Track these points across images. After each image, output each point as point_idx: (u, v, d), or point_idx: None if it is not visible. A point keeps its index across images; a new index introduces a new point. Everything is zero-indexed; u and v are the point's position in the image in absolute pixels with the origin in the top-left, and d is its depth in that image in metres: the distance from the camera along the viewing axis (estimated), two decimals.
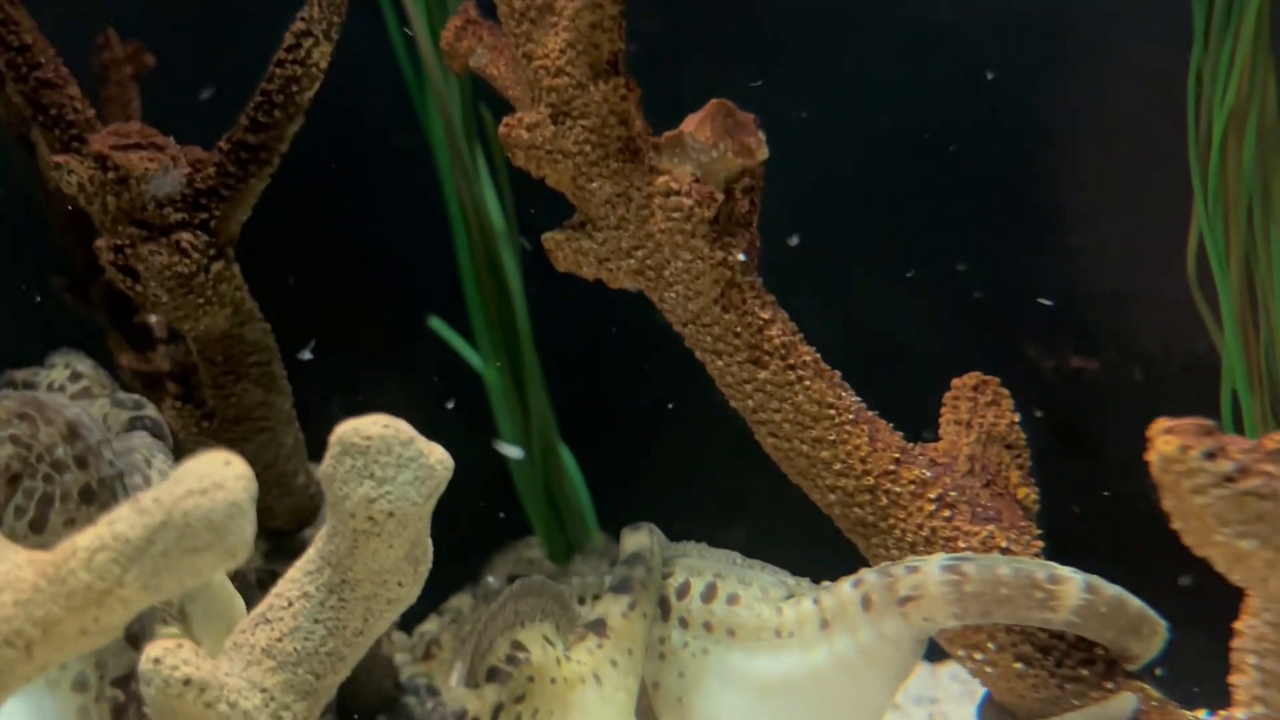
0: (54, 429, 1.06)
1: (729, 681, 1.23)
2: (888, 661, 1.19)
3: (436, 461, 0.96)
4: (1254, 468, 0.92)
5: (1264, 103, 1.57)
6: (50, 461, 1.06)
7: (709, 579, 1.25)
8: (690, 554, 1.29)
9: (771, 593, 1.23)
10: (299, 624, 0.97)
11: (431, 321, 2.15)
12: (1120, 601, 1.15)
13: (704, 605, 1.24)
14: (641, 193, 1.28)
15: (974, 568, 1.15)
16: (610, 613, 1.22)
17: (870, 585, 1.18)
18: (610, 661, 1.20)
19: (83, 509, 1.07)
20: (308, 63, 1.50)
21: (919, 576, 1.16)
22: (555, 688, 1.17)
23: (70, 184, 1.51)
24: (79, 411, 1.08)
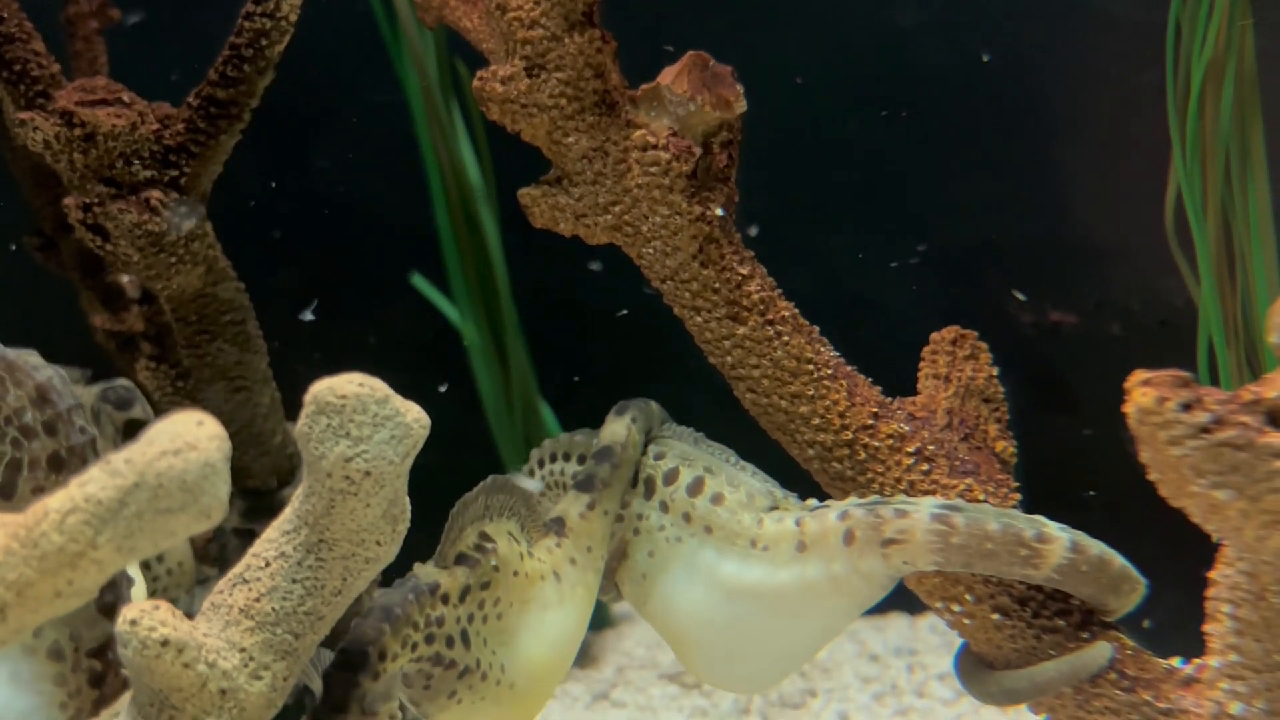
0: (23, 392, 1.04)
1: (694, 575, 1.24)
2: (856, 593, 1.20)
3: (413, 420, 0.95)
4: (1229, 419, 0.93)
5: (1242, 55, 1.56)
6: (18, 426, 1.04)
7: (699, 472, 1.25)
8: (686, 440, 1.29)
9: (757, 500, 1.23)
10: (277, 584, 0.97)
11: (413, 278, 2.14)
12: (1103, 561, 1.15)
13: (688, 497, 1.24)
14: (618, 147, 1.27)
15: (963, 520, 1.15)
16: (569, 512, 1.25)
17: (856, 521, 1.18)
18: (569, 560, 1.23)
19: (51, 477, 1.05)
20: (277, 16, 1.48)
21: (907, 521, 1.16)
22: (517, 581, 1.19)
23: (36, 141, 1.48)
24: (51, 374, 1.06)
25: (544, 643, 1.20)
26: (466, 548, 1.16)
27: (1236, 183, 1.60)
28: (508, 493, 1.22)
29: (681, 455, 1.27)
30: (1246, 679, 1.07)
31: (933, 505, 1.17)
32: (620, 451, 1.26)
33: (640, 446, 1.28)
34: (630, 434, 1.27)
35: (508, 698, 1.17)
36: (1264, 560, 1.00)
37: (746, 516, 1.22)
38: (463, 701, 1.13)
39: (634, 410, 1.29)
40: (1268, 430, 0.92)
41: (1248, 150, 1.60)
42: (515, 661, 1.18)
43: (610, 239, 1.31)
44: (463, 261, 2.10)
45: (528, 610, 1.19)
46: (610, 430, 1.28)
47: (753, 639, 1.24)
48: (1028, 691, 1.23)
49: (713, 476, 1.24)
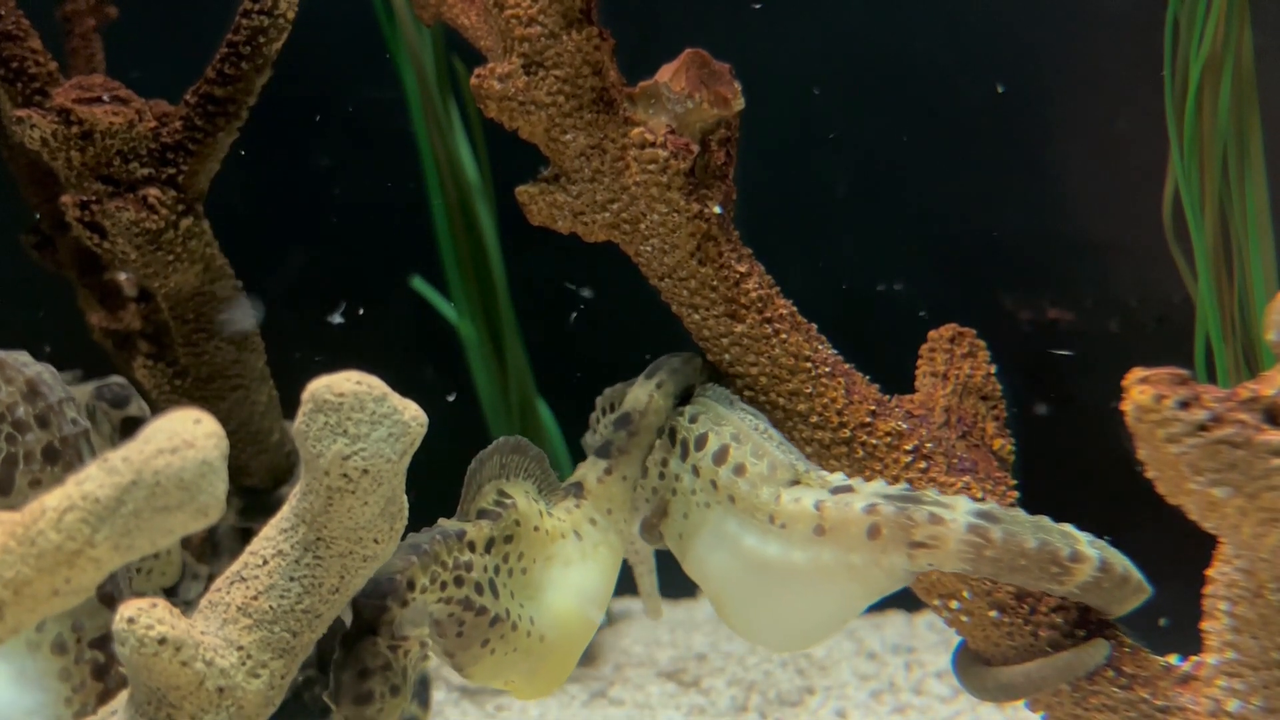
0: (14, 388, 1.05)
1: (721, 542, 1.23)
2: (873, 583, 1.19)
3: (411, 418, 0.95)
4: (1227, 416, 0.93)
5: (1239, 52, 1.56)
6: (11, 421, 1.04)
7: (725, 440, 1.24)
8: (720, 402, 1.28)
9: (778, 473, 1.21)
10: (274, 582, 0.97)
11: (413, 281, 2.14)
12: (1125, 578, 1.14)
13: (713, 465, 1.23)
14: (616, 145, 1.26)
15: (1000, 534, 1.11)
16: (587, 477, 1.27)
17: (884, 518, 1.15)
18: (589, 520, 1.25)
19: (47, 469, 1.06)
20: (274, 13, 1.48)
21: (940, 529, 1.12)
22: (538, 536, 1.21)
23: (33, 139, 1.48)
24: (40, 369, 1.07)
25: (570, 598, 1.21)
26: (487, 504, 1.18)
27: (1234, 180, 1.60)
28: (522, 453, 1.24)
29: (715, 419, 1.26)
30: (1244, 676, 1.08)
31: (968, 512, 1.13)
32: (638, 419, 1.27)
33: (664, 411, 1.28)
34: (652, 400, 1.27)
35: (539, 649, 1.18)
36: (1261, 557, 1.00)
37: (765, 490, 1.21)
38: (496, 651, 1.14)
39: (662, 373, 1.29)
40: (1265, 428, 0.92)
41: (1245, 147, 1.60)
42: (543, 615, 1.19)
43: (608, 236, 1.31)
44: (460, 259, 2.10)
45: (551, 566, 1.21)
46: (633, 395, 1.28)
47: (774, 608, 1.23)
48: (1024, 688, 1.23)
49: (738, 445, 1.23)
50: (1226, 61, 1.56)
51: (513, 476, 1.22)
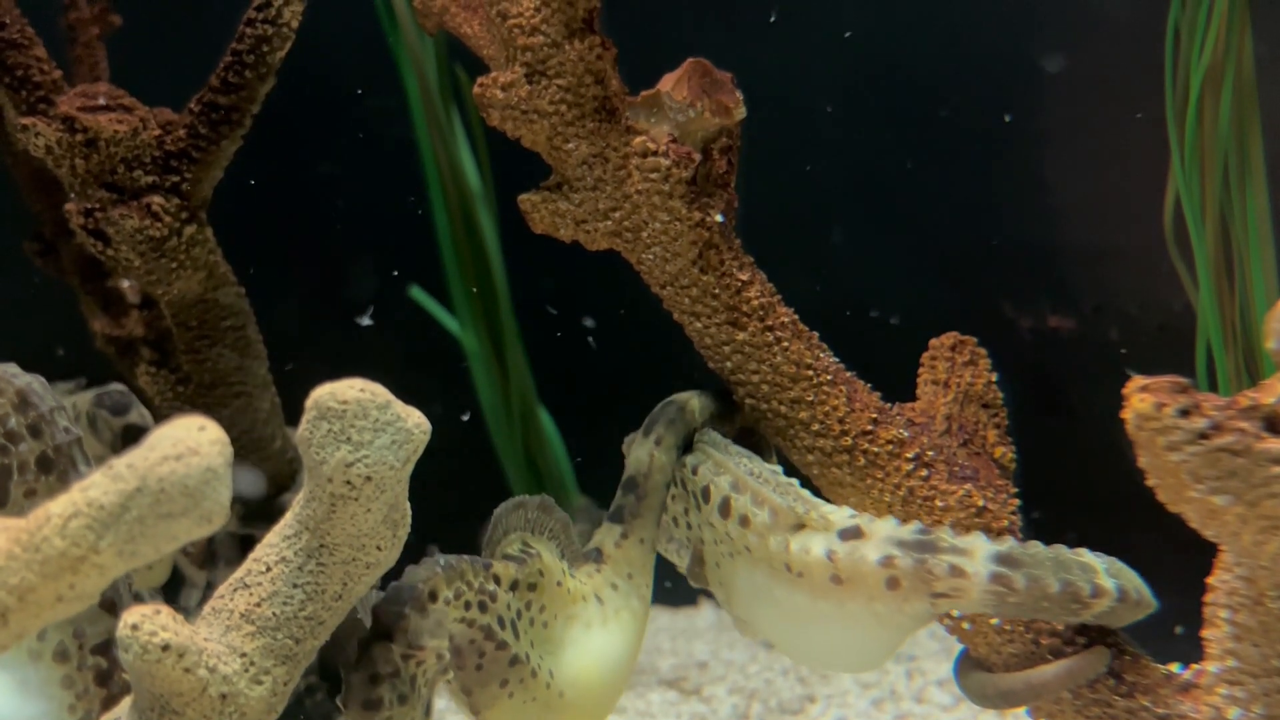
0: (4, 399, 1.05)
1: (756, 590, 1.23)
2: (901, 626, 1.19)
3: (414, 425, 0.95)
4: (1227, 424, 0.93)
5: (1240, 61, 1.57)
6: (4, 431, 1.05)
7: (726, 491, 1.23)
8: (717, 447, 1.27)
9: (781, 519, 1.20)
10: (277, 589, 0.97)
11: (412, 291, 2.14)
12: (1138, 602, 1.14)
13: (721, 520, 1.23)
14: (618, 153, 1.27)
15: (1023, 581, 1.11)
16: (605, 542, 1.26)
17: (901, 571, 1.14)
18: (610, 585, 1.24)
19: (41, 478, 1.06)
20: (279, 22, 1.48)
21: (962, 581, 1.12)
22: (560, 592, 1.21)
23: (38, 147, 1.49)
24: (30, 379, 1.07)
25: (590, 660, 1.20)
26: (512, 550, 1.18)
27: (1235, 188, 1.60)
28: (549, 514, 1.23)
29: (714, 467, 1.25)
30: (1244, 684, 1.08)
31: (989, 559, 1.12)
32: (644, 481, 1.26)
33: (668, 467, 1.27)
34: (654, 459, 1.26)
35: (558, 705, 1.17)
36: (1261, 565, 1.00)
37: (773, 540, 1.20)
38: (514, 696, 1.14)
39: (659, 428, 1.28)
40: (1265, 436, 0.93)
41: (1246, 156, 1.60)
42: (562, 672, 1.18)
43: (610, 245, 1.31)
44: (462, 267, 2.10)
45: (572, 625, 1.20)
46: (634, 457, 1.28)
47: (825, 645, 1.22)
48: (1024, 694, 1.23)
49: (738, 495, 1.22)
50: (1227, 71, 1.56)
51: (538, 533, 1.21)
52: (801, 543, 1.19)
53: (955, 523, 1.25)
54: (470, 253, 2.09)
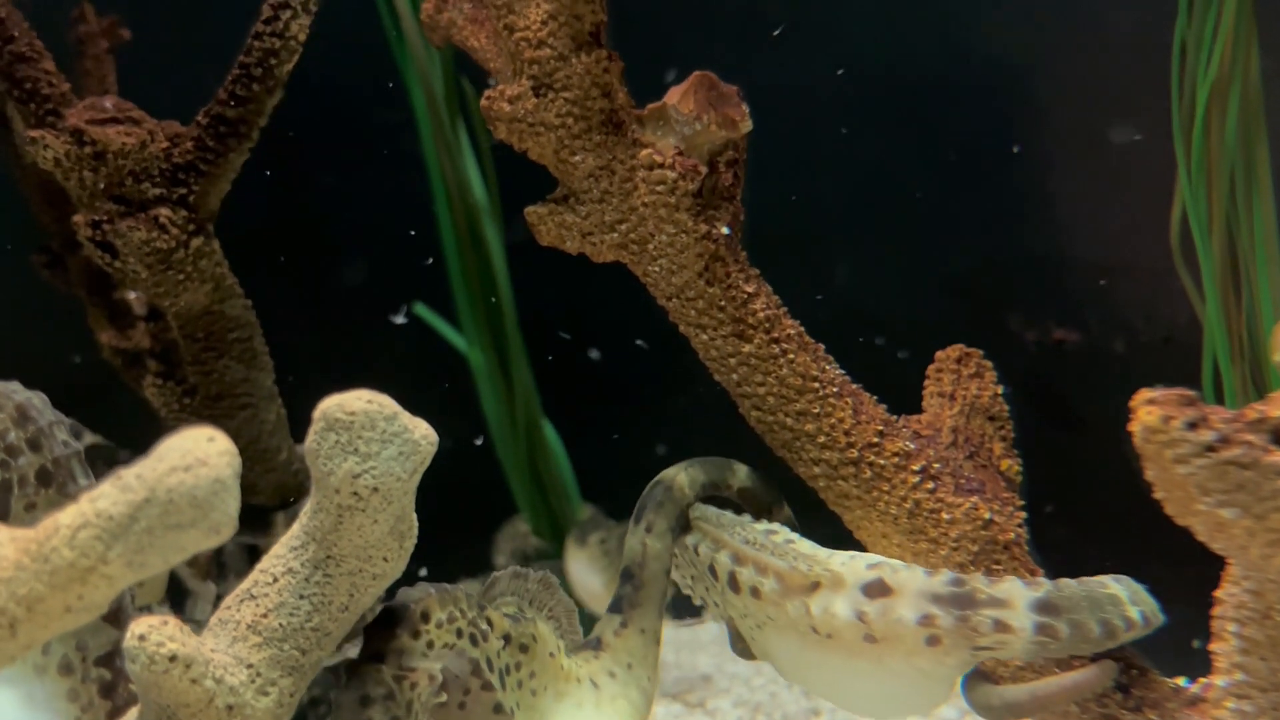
0: (4, 414, 1.06)
1: (793, 657, 1.21)
2: (948, 677, 1.17)
3: (421, 436, 0.95)
4: (1235, 437, 0.93)
5: (1247, 74, 1.57)
6: (4, 447, 1.05)
7: (730, 566, 1.21)
8: (711, 521, 1.25)
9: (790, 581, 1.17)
10: (284, 600, 0.97)
11: (416, 308, 2.14)
12: (1151, 624, 1.13)
13: (734, 596, 1.21)
14: (625, 166, 1.27)
15: (1067, 629, 1.10)
16: (604, 632, 1.24)
17: (944, 630, 1.11)
18: (608, 672, 1.21)
19: (42, 492, 1.06)
20: (286, 35, 1.49)
21: (1007, 636, 1.10)
22: (553, 664, 1.18)
23: (46, 159, 1.49)
24: (29, 395, 1.08)
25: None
26: (507, 610, 1.15)
27: (1241, 201, 1.60)
28: (552, 594, 1.21)
29: (712, 545, 1.23)
30: (1252, 698, 1.07)
31: (1030, 609, 1.10)
32: (639, 571, 1.24)
33: (664, 553, 1.24)
34: (647, 547, 1.24)
35: None
36: (1269, 579, 1.00)
37: (790, 607, 1.17)
38: None
39: (649, 514, 1.25)
40: (1273, 449, 0.92)
41: (1252, 169, 1.60)
42: None
43: (616, 257, 1.31)
44: (467, 280, 2.10)
45: (561, 702, 1.17)
46: (628, 546, 1.25)
47: (877, 698, 1.20)
48: (1029, 705, 1.22)
49: (741, 568, 1.20)
50: (1234, 84, 1.56)
51: (536, 607, 1.19)
52: (822, 605, 1.16)
53: (962, 535, 1.25)
54: (476, 266, 2.09)
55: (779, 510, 1.32)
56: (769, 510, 1.31)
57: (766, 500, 1.31)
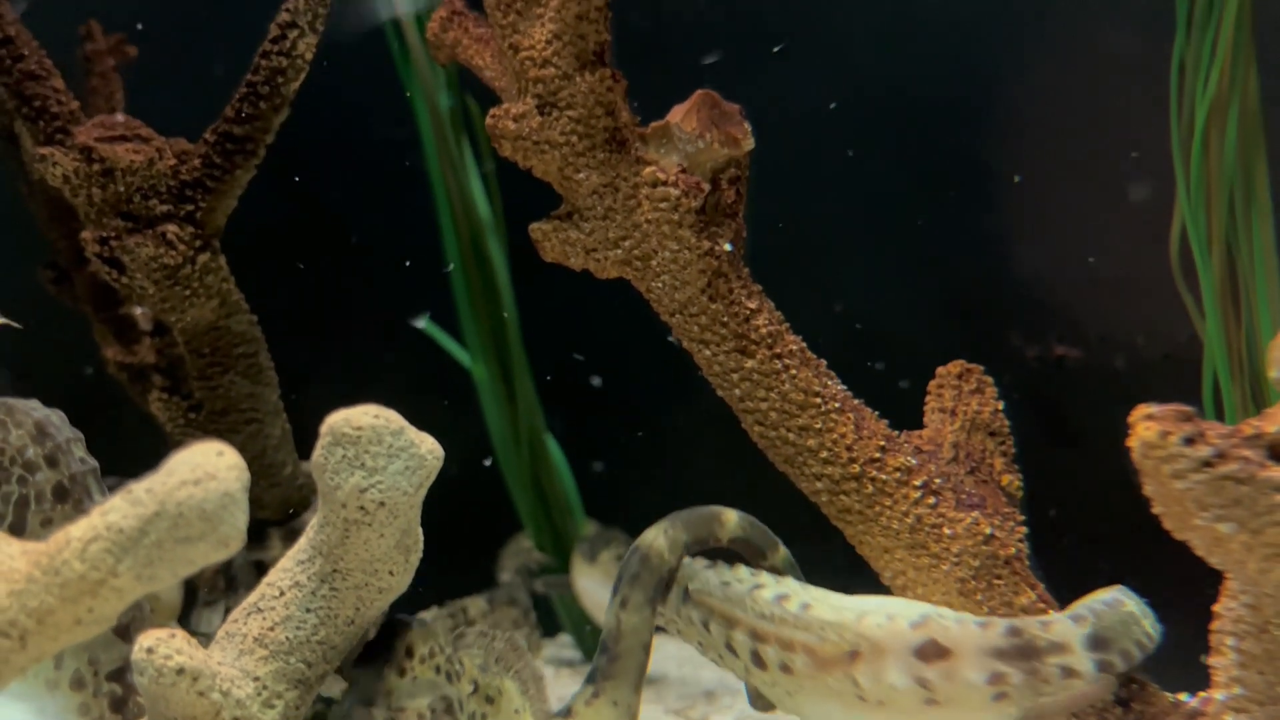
0: (23, 431, 1.07)
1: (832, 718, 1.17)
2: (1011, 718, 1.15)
3: (427, 451, 0.96)
4: (1232, 453, 0.94)
5: (1245, 93, 1.58)
6: (22, 463, 1.06)
7: (750, 646, 1.17)
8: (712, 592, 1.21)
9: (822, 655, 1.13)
10: (291, 613, 0.98)
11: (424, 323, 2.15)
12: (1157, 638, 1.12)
13: (761, 671, 1.17)
14: (628, 183, 1.28)
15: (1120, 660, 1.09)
16: (576, 702, 1.22)
17: (1014, 687, 1.09)
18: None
19: (58, 508, 1.07)
20: (293, 54, 1.50)
21: (1073, 681, 1.09)
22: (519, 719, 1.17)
23: (55, 176, 1.51)
24: (47, 412, 1.09)
25: None
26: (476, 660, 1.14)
27: (1240, 219, 1.61)
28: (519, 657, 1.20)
29: (724, 623, 1.20)
30: (1250, 711, 1.08)
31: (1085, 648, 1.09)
32: (615, 644, 1.21)
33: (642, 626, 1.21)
34: (621, 622, 1.21)
35: None
36: (1266, 593, 1.01)
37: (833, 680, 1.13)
38: None
39: (624, 588, 1.22)
40: (1269, 464, 0.93)
41: (1251, 187, 1.61)
42: None
43: (620, 273, 1.32)
44: (471, 295, 2.11)
45: None
46: (605, 622, 1.23)
47: None
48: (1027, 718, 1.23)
49: (764, 646, 1.17)
50: (1232, 103, 1.57)
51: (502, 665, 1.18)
52: (870, 675, 1.12)
53: (963, 550, 1.25)
54: (480, 282, 2.10)
55: (774, 552, 1.29)
56: (764, 554, 1.28)
57: (761, 545, 1.29)
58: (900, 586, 1.29)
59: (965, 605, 1.25)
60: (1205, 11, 1.57)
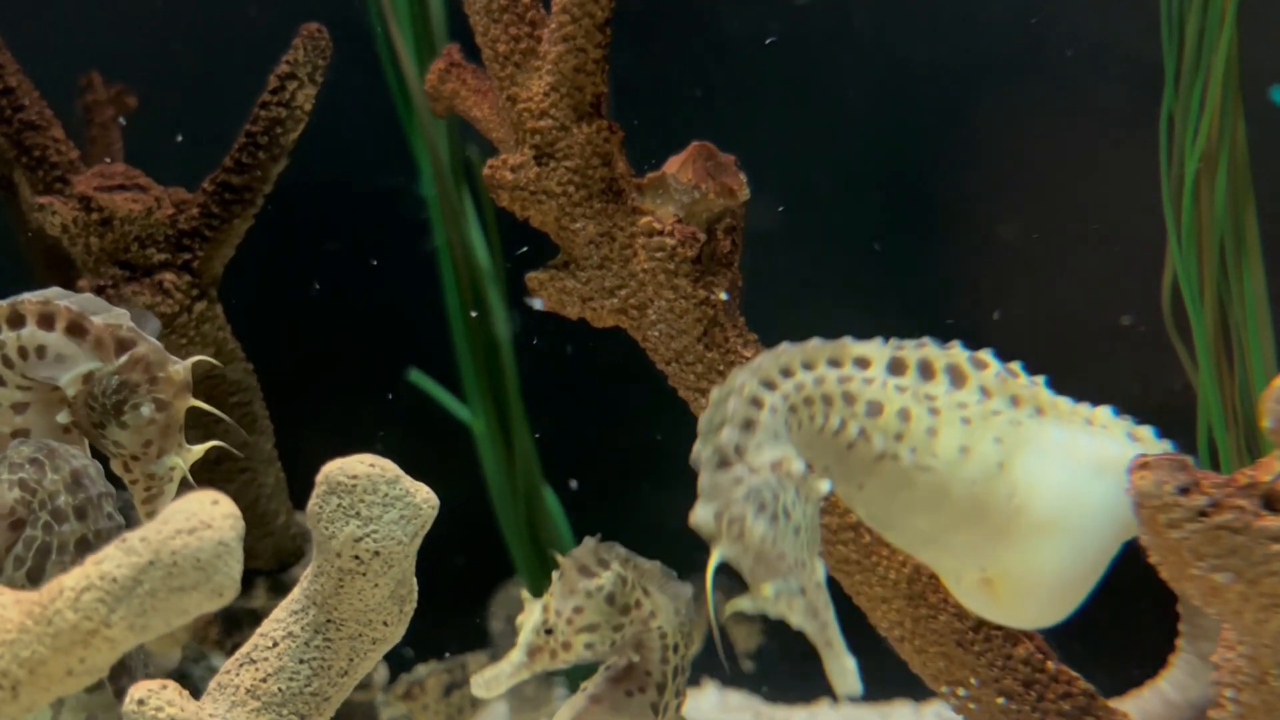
0: (59, 476, 1.06)
1: (1047, 455, 1.10)
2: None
3: (422, 500, 0.96)
4: (1227, 502, 0.94)
5: (1235, 146, 1.60)
6: (51, 509, 1.05)
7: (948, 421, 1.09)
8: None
9: (1020, 412, 1.11)
10: (284, 664, 0.97)
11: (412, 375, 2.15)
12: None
13: (986, 402, 1.11)
14: (625, 233, 1.29)
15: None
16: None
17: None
18: None
19: (78, 562, 1.06)
20: (292, 105, 1.52)
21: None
22: None
23: (54, 225, 1.52)
24: (86, 463, 1.08)
25: None
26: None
27: (1232, 269, 1.62)
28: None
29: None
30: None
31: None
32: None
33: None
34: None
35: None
36: (1264, 644, 1.00)
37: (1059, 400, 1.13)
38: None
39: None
40: (1264, 514, 0.93)
41: (1242, 238, 1.62)
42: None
43: (616, 322, 1.33)
44: (471, 343, 2.12)
45: None
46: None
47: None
48: None
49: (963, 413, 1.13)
50: (1222, 154, 1.59)
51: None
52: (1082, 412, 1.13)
53: None
54: (480, 331, 2.11)
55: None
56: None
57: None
58: (897, 638, 1.29)
59: (963, 658, 1.25)
60: (1193, 64, 1.59)
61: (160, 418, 1.09)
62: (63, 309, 1.09)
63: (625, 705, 1.14)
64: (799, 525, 0.99)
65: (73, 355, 1.09)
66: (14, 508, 1.04)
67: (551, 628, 1.12)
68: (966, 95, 2.02)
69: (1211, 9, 1.55)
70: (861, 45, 2.04)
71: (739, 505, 0.96)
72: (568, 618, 1.12)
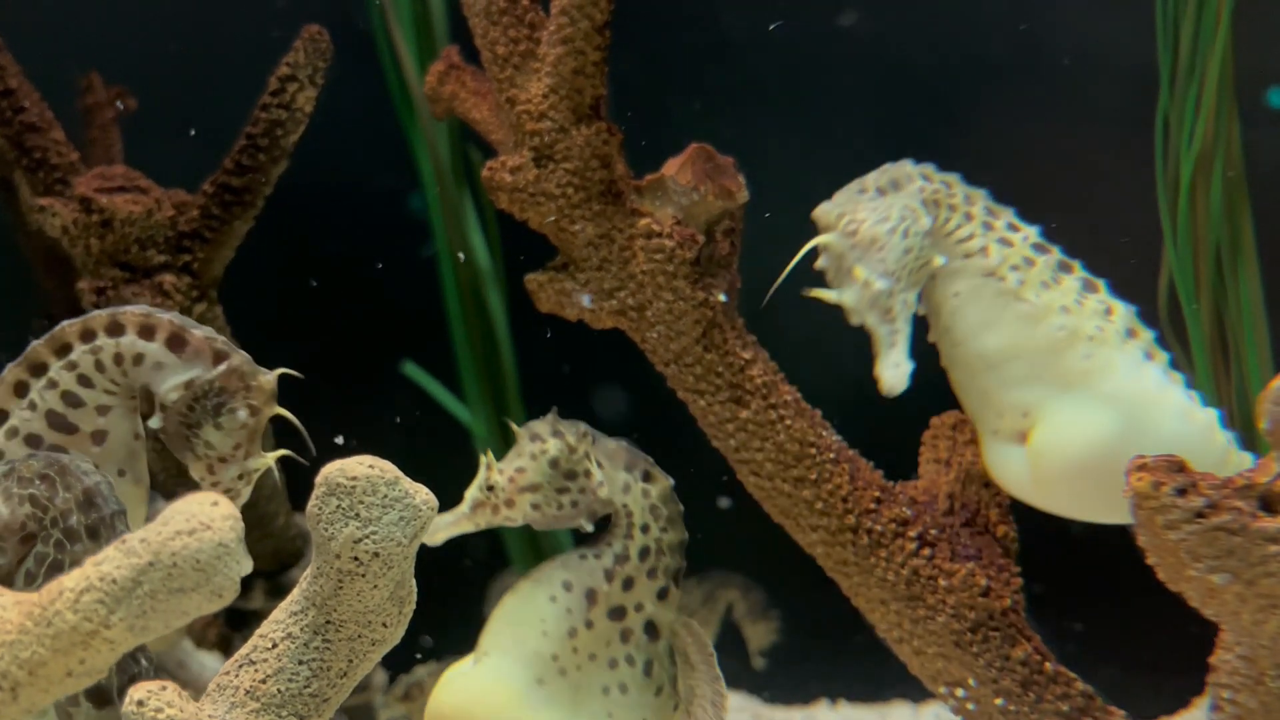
0: (71, 495, 1.06)
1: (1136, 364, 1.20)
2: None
3: (422, 502, 0.96)
4: (1223, 503, 0.94)
5: (1230, 148, 1.60)
6: (63, 528, 1.05)
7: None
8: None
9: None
10: (283, 665, 0.97)
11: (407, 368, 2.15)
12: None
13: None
14: (623, 234, 1.30)
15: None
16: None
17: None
18: None
19: None
20: (292, 107, 1.52)
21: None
22: None
23: (54, 226, 1.52)
24: (100, 480, 1.08)
25: None
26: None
27: (1228, 271, 1.63)
28: None
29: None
30: None
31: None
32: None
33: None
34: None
35: None
36: (1261, 644, 1.01)
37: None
38: None
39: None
40: (1261, 515, 0.94)
41: (1237, 240, 1.63)
42: None
43: (615, 324, 1.33)
44: (471, 345, 2.12)
45: None
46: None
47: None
48: None
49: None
50: (1217, 157, 1.60)
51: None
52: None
53: (959, 603, 1.25)
54: (480, 333, 2.11)
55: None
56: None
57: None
58: (896, 639, 1.29)
59: (961, 658, 1.25)
60: (1188, 67, 1.59)
61: (251, 422, 1.17)
62: (165, 321, 1.16)
63: (575, 565, 1.22)
64: (910, 248, 1.08)
65: (170, 364, 1.16)
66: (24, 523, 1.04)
67: (493, 485, 1.22)
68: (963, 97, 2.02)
69: (1206, 12, 1.56)
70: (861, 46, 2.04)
71: (864, 210, 1.12)
72: (510, 476, 1.22)
